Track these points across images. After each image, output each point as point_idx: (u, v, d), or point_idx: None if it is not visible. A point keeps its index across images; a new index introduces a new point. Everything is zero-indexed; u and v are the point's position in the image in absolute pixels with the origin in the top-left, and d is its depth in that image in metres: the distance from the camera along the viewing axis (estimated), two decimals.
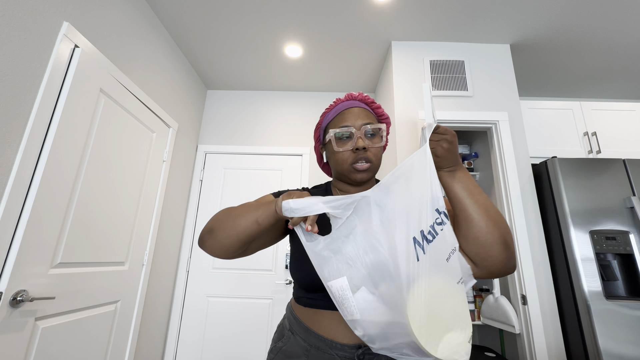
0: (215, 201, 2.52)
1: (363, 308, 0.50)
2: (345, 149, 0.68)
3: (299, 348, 0.63)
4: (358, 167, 0.67)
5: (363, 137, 0.67)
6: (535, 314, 1.64)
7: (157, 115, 1.98)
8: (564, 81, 2.60)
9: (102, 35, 1.51)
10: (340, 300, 0.51)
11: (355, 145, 0.66)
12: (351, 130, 0.67)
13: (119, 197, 1.64)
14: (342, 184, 0.75)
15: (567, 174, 1.73)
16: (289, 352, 0.64)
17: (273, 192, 0.76)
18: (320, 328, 0.61)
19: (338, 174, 0.73)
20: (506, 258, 0.56)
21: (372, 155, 0.68)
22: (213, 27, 2.07)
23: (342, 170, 0.70)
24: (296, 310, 0.67)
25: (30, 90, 1.16)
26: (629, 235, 1.58)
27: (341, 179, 0.74)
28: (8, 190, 1.08)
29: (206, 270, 2.36)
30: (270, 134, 2.70)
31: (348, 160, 0.68)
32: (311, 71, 2.52)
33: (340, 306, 0.51)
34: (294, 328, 0.66)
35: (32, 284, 1.15)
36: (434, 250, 0.50)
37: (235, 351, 2.20)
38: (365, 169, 0.67)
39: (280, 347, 0.66)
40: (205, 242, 0.59)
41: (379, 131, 0.69)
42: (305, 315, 0.65)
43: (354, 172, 0.68)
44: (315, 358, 0.60)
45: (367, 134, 0.68)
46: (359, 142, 0.66)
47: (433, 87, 2.09)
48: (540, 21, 1.95)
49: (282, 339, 0.67)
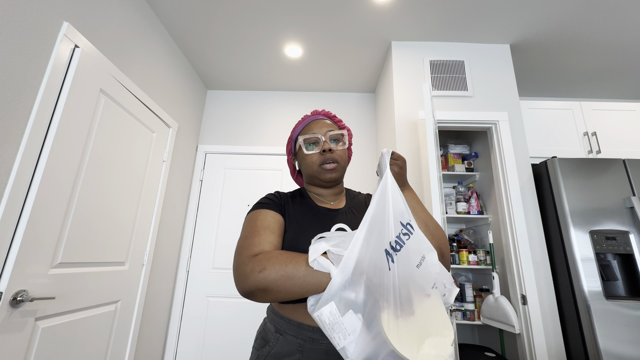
0: (215, 201, 2.52)
1: (353, 329, 0.52)
2: (313, 152, 0.78)
3: (290, 346, 0.64)
4: (326, 167, 0.77)
5: (328, 141, 0.78)
6: (535, 314, 1.64)
7: (157, 115, 1.98)
8: (564, 81, 2.60)
9: (102, 36, 1.52)
10: (330, 326, 0.52)
11: (322, 147, 0.77)
12: (317, 136, 0.78)
13: (119, 197, 1.64)
14: (315, 188, 0.83)
15: (567, 174, 1.73)
16: (279, 354, 0.64)
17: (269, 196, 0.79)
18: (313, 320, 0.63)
19: (309, 177, 0.82)
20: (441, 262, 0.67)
21: (338, 156, 0.78)
22: (213, 27, 2.07)
23: (312, 172, 0.79)
24: (282, 311, 0.69)
25: (31, 90, 1.16)
26: (629, 235, 1.58)
27: (313, 183, 0.82)
28: (8, 190, 1.08)
29: (206, 270, 2.36)
30: (270, 134, 2.70)
31: (317, 162, 0.78)
32: (311, 71, 2.52)
33: (332, 333, 0.52)
34: (281, 329, 0.67)
35: (32, 284, 1.15)
36: (402, 258, 0.53)
37: (235, 351, 2.20)
38: (333, 168, 0.77)
39: (269, 352, 0.65)
40: (257, 298, 0.58)
41: (342, 137, 0.81)
42: (296, 312, 0.66)
43: (323, 171, 0.78)
44: (310, 352, 0.62)
45: (332, 139, 0.80)
46: (325, 145, 0.77)
47: (433, 87, 2.09)
48: (540, 21, 1.95)
49: (269, 344, 0.67)
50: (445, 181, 2.54)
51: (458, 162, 2.40)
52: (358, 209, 0.81)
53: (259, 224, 0.69)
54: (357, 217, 0.78)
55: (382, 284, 0.51)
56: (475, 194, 2.26)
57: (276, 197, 0.79)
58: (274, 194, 0.80)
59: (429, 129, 1.56)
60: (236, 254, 0.64)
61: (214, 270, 2.36)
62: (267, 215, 0.72)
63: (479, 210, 2.22)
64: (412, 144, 1.97)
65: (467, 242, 2.29)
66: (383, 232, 0.54)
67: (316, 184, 0.82)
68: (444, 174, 2.41)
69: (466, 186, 2.34)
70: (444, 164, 2.45)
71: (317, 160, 0.78)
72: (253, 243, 0.64)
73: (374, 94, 2.82)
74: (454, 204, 2.28)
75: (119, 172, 1.64)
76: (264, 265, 0.57)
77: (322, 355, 0.62)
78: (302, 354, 0.62)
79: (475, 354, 1.86)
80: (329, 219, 0.76)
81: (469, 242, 2.29)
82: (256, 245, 0.63)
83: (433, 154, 1.53)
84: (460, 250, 2.16)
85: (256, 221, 0.70)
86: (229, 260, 2.38)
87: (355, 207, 0.82)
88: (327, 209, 0.79)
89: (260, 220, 0.70)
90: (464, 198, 2.27)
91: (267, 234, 0.67)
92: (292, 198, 0.81)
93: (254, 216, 0.72)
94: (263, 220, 0.70)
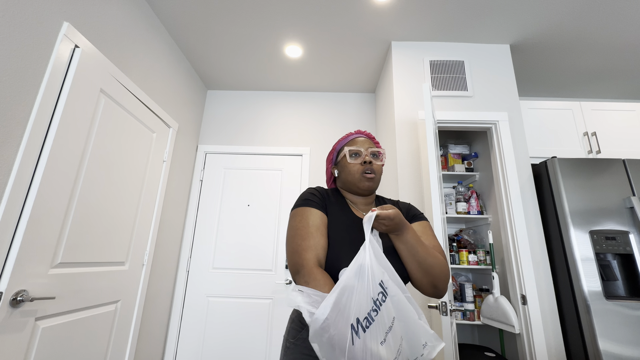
0: (215, 201, 2.52)
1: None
2: (356, 163, 0.90)
3: None
4: (366, 175, 0.88)
5: (369, 155, 0.91)
6: (535, 314, 1.64)
7: (157, 115, 1.98)
8: (564, 81, 2.60)
9: (103, 36, 1.52)
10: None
11: (363, 159, 0.89)
12: (361, 149, 0.91)
13: (119, 197, 1.64)
14: (350, 195, 0.93)
15: (567, 174, 1.73)
16: None
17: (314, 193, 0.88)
18: None
19: (348, 184, 0.91)
20: (433, 294, 0.78)
21: (376, 169, 0.90)
22: (213, 27, 2.07)
23: (353, 180, 0.89)
24: None
25: (31, 90, 1.16)
26: (629, 235, 1.58)
27: (350, 190, 0.92)
28: (8, 190, 1.08)
29: (206, 270, 2.37)
30: (270, 134, 2.70)
31: (359, 171, 0.89)
32: (311, 71, 2.52)
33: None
34: None
35: (32, 284, 1.16)
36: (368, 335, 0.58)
37: (235, 351, 2.20)
38: (372, 177, 0.88)
39: (307, 335, 0.73)
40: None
41: (379, 154, 0.93)
42: None
43: (363, 179, 0.88)
44: None
45: (372, 154, 0.92)
46: (366, 158, 0.89)
47: (433, 87, 2.09)
48: (540, 21, 1.95)
49: (305, 328, 0.77)
50: (445, 181, 2.54)
51: (458, 162, 2.40)
52: None
53: (312, 224, 0.79)
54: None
55: (344, 353, 0.56)
56: (475, 194, 2.26)
57: (320, 195, 0.88)
58: (317, 191, 0.89)
59: (429, 129, 1.56)
60: (292, 249, 0.76)
61: (214, 270, 2.36)
62: (317, 215, 0.82)
63: (478, 210, 2.22)
64: (412, 144, 1.97)
65: (467, 242, 2.29)
66: (351, 305, 0.59)
67: (352, 191, 0.92)
68: (444, 174, 2.41)
69: (466, 186, 2.34)
70: (444, 164, 2.45)
71: (359, 169, 0.89)
72: (310, 246, 0.75)
73: (374, 94, 2.82)
74: (454, 204, 2.28)
75: (119, 172, 1.64)
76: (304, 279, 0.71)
77: None
78: None
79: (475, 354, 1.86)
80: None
81: (469, 242, 2.29)
82: (312, 249, 0.75)
83: (433, 154, 1.53)
84: (460, 250, 2.16)
85: (308, 220, 0.80)
86: (229, 260, 2.38)
87: None
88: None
89: (313, 220, 0.80)
90: (464, 198, 2.27)
91: (319, 237, 0.77)
92: (333, 196, 0.91)
93: (305, 214, 0.82)
94: (315, 220, 0.80)
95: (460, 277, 2.35)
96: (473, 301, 2.08)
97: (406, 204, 0.99)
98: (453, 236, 2.38)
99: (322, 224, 0.80)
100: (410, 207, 0.97)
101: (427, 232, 0.90)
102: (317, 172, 2.57)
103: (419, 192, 1.88)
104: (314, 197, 0.86)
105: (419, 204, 1.85)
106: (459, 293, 2.16)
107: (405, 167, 1.92)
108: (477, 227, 2.38)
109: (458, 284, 2.18)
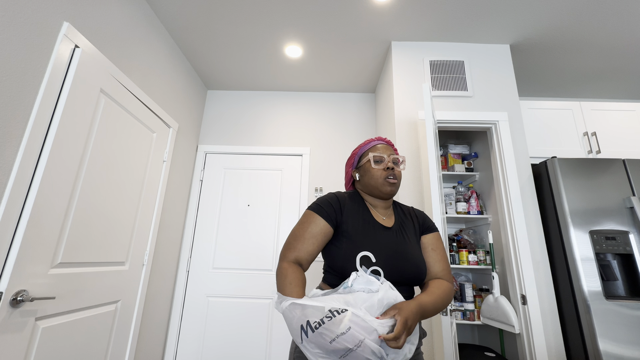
0: (215, 201, 2.52)
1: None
2: (379, 168, 0.95)
3: None
4: (389, 180, 0.93)
5: (391, 162, 0.96)
6: (535, 314, 1.64)
7: (157, 116, 1.98)
8: (564, 81, 2.60)
9: (103, 36, 1.52)
10: None
11: (386, 165, 0.95)
12: (384, 156, 0.97)
13: (119, 197, 1.64)
14: (371, 198, 0.98)
15: (566, 174, 1.73)
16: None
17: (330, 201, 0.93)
18: None
19: (370, 188, 0.96)
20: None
21: (397, 174, 0.96)
22: (213, 27, 2.07)
23: (376, 184, 0.94)
24: None
25: (31, 90, 1.16)
26: (629, 235, 1.58)
27: (371, 193, 0.97)
28: (8, 190, 1.08)
29: (206, 270, 2.37)
30: (270, 134, 2.70)
31: (382, 176, 0.94)
32: (311, 71, 2.52)
33: None
34: None
35: (32, 284, 1.16)
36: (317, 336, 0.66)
37: (235, 351, 2.20)
38: (394, 182, 0.94)
39: None
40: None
41: (400, 161, 0.99)
42: None
43: (387, 184, 0.93)
44: None
45: (394, 161, 0.97)
46: (389, 164, 0.95)
47: (433, 87, 2.09)
48: (540, 21, 1.95)
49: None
50: (445, 181, 2.54)
51: (458, 162, 2.40)
52: (406, 228, 0.95)
53: (309, 231, 0.86)
54: (404, 236, 0.91)
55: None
56: (475, 194, 2.26)
57: (337, 203, 0.92)
58: (336, 199, 0.93)
59: (429, 129, 1.56)
60: (286, 243, 0.87)
61: (214, 270, 2.37)
62: (319, 224, 0.88)
63: (478, 210, 2.22)
64: (412, 144, 1.97)
65: (467, 242, 2.29)
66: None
67: (374, 195, 0.96)
68: (444, 174, 2.41)
69: (466, 186, 2.34)
70: (444, 164, 2.45)
71: (383, 174, 0.94)
72: (296, 247, 0.85)
73: (374, 94, 2.82)
74: (454, 204, 2.28)
75: (119, 172, 1.64)
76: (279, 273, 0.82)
77: None
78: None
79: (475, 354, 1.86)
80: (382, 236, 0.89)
81: (469, 242, 2.29)
82: (297, 250, 0.85)
83: (433, 154, 1.53)
84: (460, 250, 2.16)
85: (309, 226, 0.87)
86: (229, 260, 2.38)
87: (404, 225, 0.96)
88: (382, 227, 0.91)
89: (312, 228, 0.87)
90: (464, 198, 2.27)
91: (309, 244, 0.85)
92: (351, 201, 0.96)
93: (309, 219, 0.89)
94: (314, 229, 0.87)
95: (460, 277, 2.35)
96: (473, 301, 2.09)
97: (421, 212, 1.03)
98: (453, 236, 2.38)
99: (320, 233, 0.87)
100: (425, 218, 1.01)
101: (438, 245, 0.95)
102: (317, 172, 2.57)
103: (419, 192, 1.88)
104: (329, 207, 0.91)
105: (419, 204, 1.85)
106: (459, 293, 2.16)
107: (406, 167, 1.92)
108: (477, 227, 2.39)
109: (458, 284, 2.18)
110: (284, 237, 2.43)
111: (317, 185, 2.54)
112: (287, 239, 0.89)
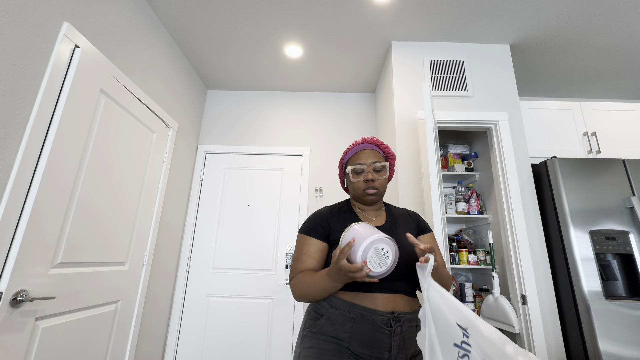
0: (215, 201, 2.52)
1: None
2: (359, 180, 0.97)
3: (344, 317, 0.83)
4: (368, 192, 0.95)
5: (372, 172, 0.95)
6: (535, 314, 1.64)
7: (157, 115, 1.98)
8: (564, 81, 2.60)
9: (103, 36, 1.52)
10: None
11: (366, 177, 0.95)
12: (363, 167, 0.96)
13: (119, 197, 1.64)
14: (359, 204, 1.01)
15: (566, 174, 1.73)
16: (335, 322, 0.83)
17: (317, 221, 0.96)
18: (364, 302, 0.83)
19: (355, 197, 1.00)
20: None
21: (378, 184, 0.96)
22: (213, 27, 2.07)
23: (357, 195, 0.98)
24: (339, 295, 0.87)
25: (31, 90, 1.16)
26: (629, 235, 1.58)
27: (357, 201, 1.01)
28: (8, 190, 1.08)
29: (206, 270, 2.37)
30: (270, 134, 2.70)
31: (361, 188, 0.96)
32: (311, 71, 2.52)
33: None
34: (337, 305, 0.84)
35: (32, 284, 1.16)
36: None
37: (235, 351, 2.20)
38: (373, 193, 0.95)
39: (324, 322, 0.84)
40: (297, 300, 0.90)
41: (384, 168, 0.97)
42: (350, 296, 0.85)
43: (366, 195, 0.96)
44: (361, 321, 0.81)
45: (375, 169, 0.97)
46: (368, 176, 0.95)
47: (433, 87, 2.09)
48: (540, 21, 1.95)
49: (323, 317, 0.85)
50: (445, 181, 2.54)
51: (458, 162, 2.40)
52: (397, 225, 0.97)
53: (305, 252, 0.91)
54: (396, 233, 0.94)
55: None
56: (475, 194, 2.26)
57: (321, 220, 0.95)
58: (321, 216, 0.96)
59: (429, 129, 1.56)
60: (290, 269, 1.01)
61: (214, 270, 2.37)
62: (312, 243, 0.92)
63: (478, 210, 2.22)
64: (412, 144, 1.97)
65: (466, 242, 2.29)
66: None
67: (360, 202, 1.00)
68: (443, 174, 2.41)
69: (466, 186, 2.34)
70: (444, 164, 2.45)
71: (362, 186, 0.96)
72: (298, 267, 0.91)
73: (374, 94, 2.82)
74: (454, 204, 2.28)
75: (119, 172, 1.64)
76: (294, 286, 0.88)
77: (369, 326, 0.80)
78: (353, 323, 0.81)
79: None
80: None
81: (469, 242, 2.29)
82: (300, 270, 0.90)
83: (433, 154, 1.53)
84: (460, 250, 2.16)
85: (302, 248, 0.92)
86: (229, 260, 2.38)
87: (394, 223, 0.98)
88: None
89: (307, 248, 0.92)
90: (464, 198, 2.27)
91: (308, 261, 0.90)
92: (340, 211, 0.99)
93: (302, 241, 0.94)
94: (309, 248, 0.92)
95: (460, 277, 2.35)
96: (473, 301, 2.09)
97: (415, 213, 1.06)
98: (453, 236, 2.38)
99: (316, 251, 0.91)
100: (419, 219, 1.04)
101: (434, 244, 0.99)
102: (317, 172, 2.57)
103: (419, 192, 1.88)
104: (316, 225, 0.94)
105: (419, 204, 1.85)
106: (459, 293, 2.16)
107: (405, 167, 1.92)
108: (477, 227, 2.38)
109: (458, 284, 2.18)
110: (284, 237, 2.43)
111: (317, 185, 2.54)
112: (291, 263, 0.94)
